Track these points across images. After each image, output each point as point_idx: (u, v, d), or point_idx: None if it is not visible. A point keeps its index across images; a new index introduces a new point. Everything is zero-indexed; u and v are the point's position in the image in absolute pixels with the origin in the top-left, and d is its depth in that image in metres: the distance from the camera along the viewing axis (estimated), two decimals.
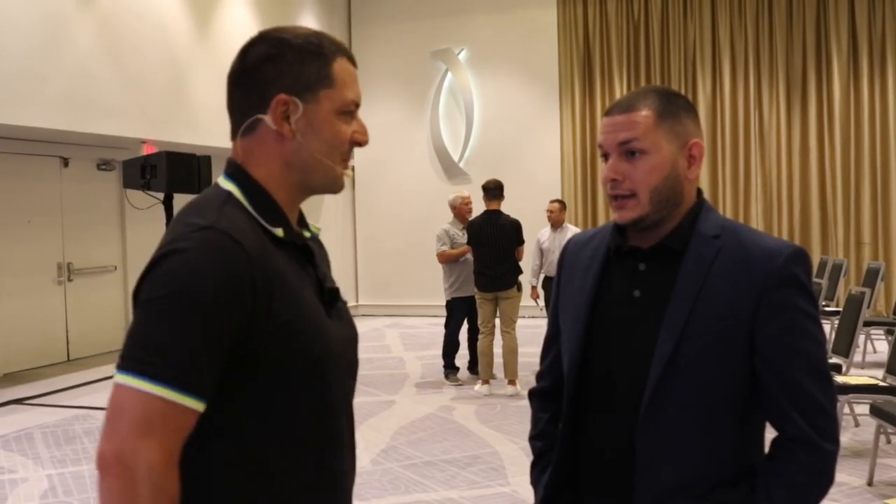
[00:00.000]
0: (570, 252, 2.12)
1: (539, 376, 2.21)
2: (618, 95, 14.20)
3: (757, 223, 13.71)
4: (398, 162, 15.45)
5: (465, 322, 9.44)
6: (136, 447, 1.41)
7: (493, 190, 8.99)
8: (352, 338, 1.77)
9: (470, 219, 9.27)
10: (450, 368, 9.45)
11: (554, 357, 2.13)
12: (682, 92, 13.79)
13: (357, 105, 1.70)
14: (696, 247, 1.86)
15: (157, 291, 1.48)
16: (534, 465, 2.15)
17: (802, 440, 1.79)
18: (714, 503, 1.82)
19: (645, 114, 1.86)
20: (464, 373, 9.57)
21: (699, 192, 1.96)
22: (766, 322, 1.79)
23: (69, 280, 11.32)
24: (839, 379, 6.27)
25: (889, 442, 6.62)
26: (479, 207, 9.22)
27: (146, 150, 9.35)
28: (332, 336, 1.65)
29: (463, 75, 15.13)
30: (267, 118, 1.62)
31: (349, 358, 1.74)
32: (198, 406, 1.47)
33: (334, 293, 1.73)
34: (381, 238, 15.74)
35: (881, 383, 6.17)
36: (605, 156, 1.91)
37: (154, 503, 1.41)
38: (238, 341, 1.50)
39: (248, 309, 1.50)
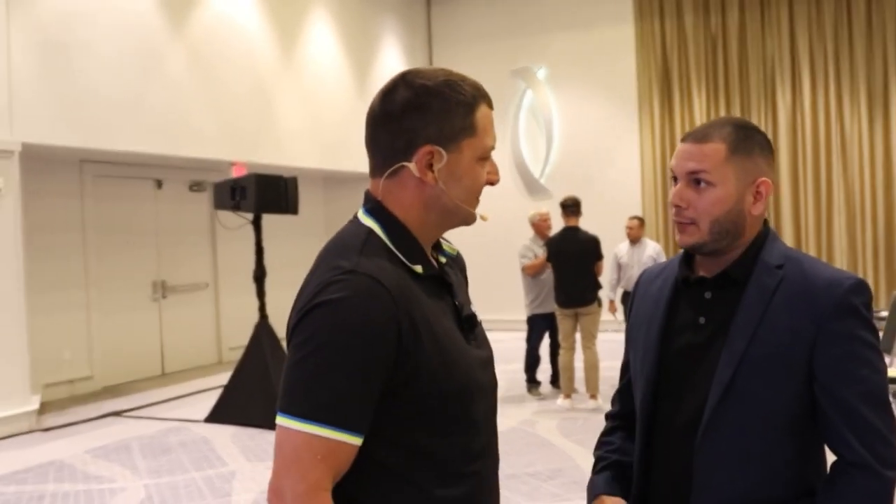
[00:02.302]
0: (642, 284, 2.21)
1: (612, 400, 2.32)
2: (697, 110, 14.20)
3: (840, 236, 13.58)
4: None
5: (548, 336, 9.57)
6: (284, 481, 1.56)
7: (571, 207, 9.08)
8: (489, 360, 1.84)
9: (549, 235, 9.43)
10: (532, 383, 9.59)
11: (626, 382, 2.23)
12: (762, 105, 13.76)
13: (493, 148, 1.76)
14: (759, 276, 1.93)
15: (309, 340, 1.58)
16: (594, 469, 2.25)
17: (860, 464, 1.83)
18: None
19: (717, 147, 1.93)
20: (546, 387, 9.69)
21: (765, 221, 2.02)
22: (824, 351, 1.84)
23: (163, 297, 11.73)
24: None
25: None
26: (558, 224, 9.35)
27: (235, 172, 9.68)
28: (473, 363, 1.75)
29: (542, 93, 15.28)
30: (411, 166, 1.69)
31: (489, 380, 1.82)
32: (349, 439, 1.57)
33: (471, 320, 1.81)
34: (464, 254, 15.69)
35: None
36: (675, 179, 2.00)
37: None
38: (389, 377, 1.60)
39: (394, 349, 1.59)
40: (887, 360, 7.68)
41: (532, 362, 9.59)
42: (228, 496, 6.23)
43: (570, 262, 8.83)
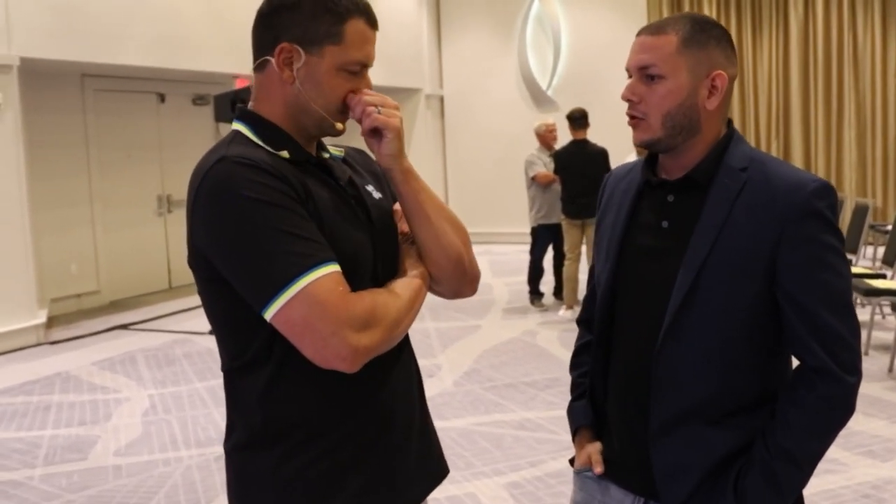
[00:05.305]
0: (609, 185, 2.16)
1: (582, 305, 2.29)
2: None
3: (850, 151, 13.46)
4: (486, 91, 15.55)
5: (551, 248, 9.59)
6: (330, 323, 1.58)
7: (579, 119, 9.04)
8: (379, 234, 1.85)
9: (555, 146, 9.39)
10: (535, 294, 9.63)
11: (593, 287, 2.19)
12: (773, 16, 13.57)
13: (364, 66, 1.78)
14: (722, 179, 1.87)
15: (226, 233, 1.61)
16: (571, 392, 2.23)
17: (821, 370, 1.81)
18: (730, 427, 1.87)
19: (669, 38, 1.86)
20: (549, 298, 9.74)
21: (729, 122, 1.95)
22: (786, 255, 1.80)
23: (169, 212, 11.76)
24: None
25: None
26: (564, 136, 9.30)
27: (238, 85, 9.60)
28: (356, 234, 1.77)
29: (550, 3, 15.03)
30: (272, 60, 1.75)
31: (380, 252, 1.83)
32: (331, 268, 1.61)
33: (358, 199, 1.83)
34: (470, 166, 15.87)
35: None
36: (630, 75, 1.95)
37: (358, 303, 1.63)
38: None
39: (296, 195, 1.64)
40: (888, 273, 7.67)
41: (535, 274, 9.62)
42: None
43: (579, 174, 8.81)
